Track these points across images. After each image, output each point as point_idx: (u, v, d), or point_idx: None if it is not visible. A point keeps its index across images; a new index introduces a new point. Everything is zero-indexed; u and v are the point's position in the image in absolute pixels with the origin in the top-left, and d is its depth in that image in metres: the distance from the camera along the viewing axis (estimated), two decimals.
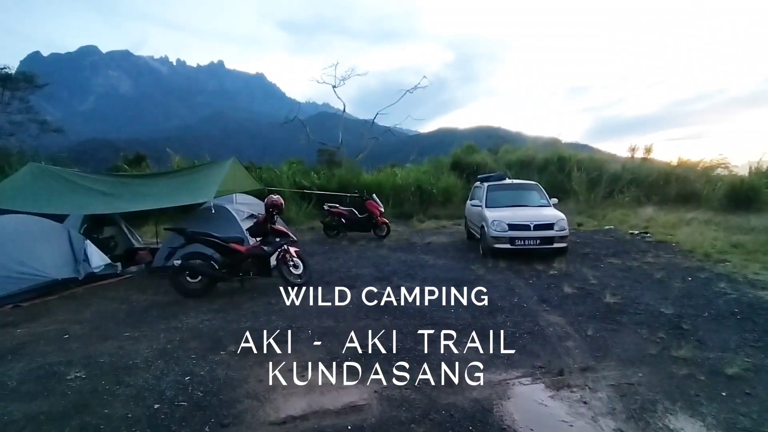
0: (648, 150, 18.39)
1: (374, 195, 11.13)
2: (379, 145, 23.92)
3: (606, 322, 4.63)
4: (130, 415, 2.93)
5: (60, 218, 6.94)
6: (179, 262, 5.59)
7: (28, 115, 20.58)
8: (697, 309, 4.98)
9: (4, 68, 19.66)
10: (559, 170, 16.71)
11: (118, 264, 7.16)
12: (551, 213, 8.04)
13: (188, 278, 5.75)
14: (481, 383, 3.34)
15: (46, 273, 5.83)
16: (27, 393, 3.30)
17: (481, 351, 3.93)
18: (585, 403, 3.06)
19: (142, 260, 7.78)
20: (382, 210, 10.79)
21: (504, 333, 4.33)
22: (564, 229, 7.63)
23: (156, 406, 3.05)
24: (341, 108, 23.56)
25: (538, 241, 7.55)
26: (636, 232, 10.35)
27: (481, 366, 3.61)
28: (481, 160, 17.79)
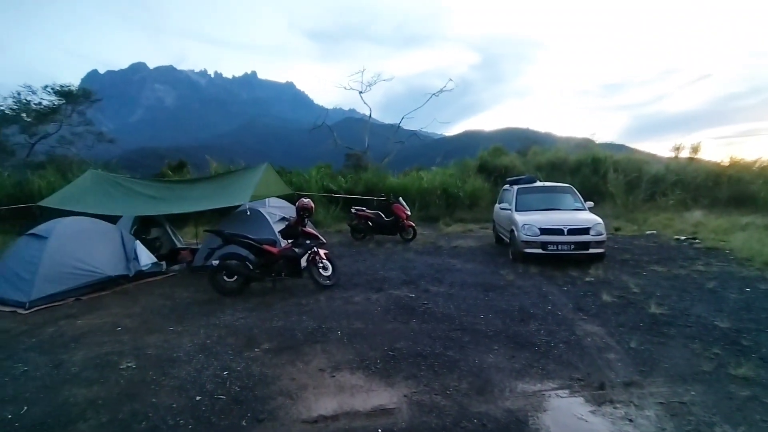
0: (695, 149, 17.45)
1: (400, 198, 11.17)
2: (404, 148, 24.00)
3: (651, 334, 4.39)
4: (174, 405, 3.10)
5: (113, 220, 7.45)
6: (217, 262, 5.85)
7: (87, 127, 22.35)
8: (759, 323, 4.61)
9: (68, 86, 21.36)
10: (594, 172, 16.16)
11: (163, 263, 7.57)
12: (587, 217, 7.79)
13: (225, 277, 6.00)
14: (515, 393, 3.26)
15: (102, 270, 6.27)
16: (87, 379, 3.56)
17: (514, 359, 3.85)
18: (630, 420, 2.88)
19: (184, 260, 8.18)
20: (409, 213, 10.80)
21: (538, 341, 4.23)
22: (601, 234, 7.37)
23: (198, 398, 3.20)
24: (367, 113, 23.87)
25: (573, 246, 7.32)
26: (682, 237, 9.86)
27: (514, 375, 3.54)
28: (509, 162, 17.49)
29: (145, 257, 7.00)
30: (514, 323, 4.78)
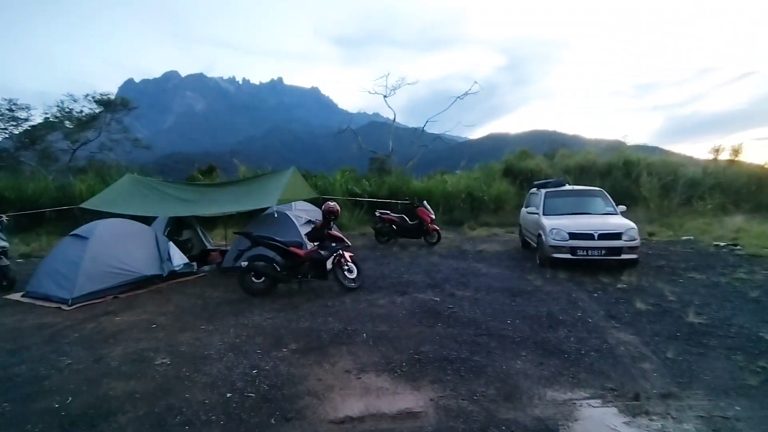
0: (736, 151, 16.67)
1: (425, 202, 11.14)
2: (428, 152, 23.91)
3: (690, 344, 4.20)
4: (206, 402, 3.20)
5: (147, 221, 7.80)
6: (246, 263, 6.00)
7: (124, 134, 23.68)
8: None
9: (107, 95, 22.65)
10: (626, 175, 15.65)
11: (194, 263, 7.81)
12: (619, 221, 7.54)
13: (253, 278, 6.15)
14: (545, 401, 3.19)
15: (138, 270, 6.54)
16: (125, 373, 3.73)
17: (543, 366, 3.77)
18: None
19: (214, 260, 8.43)
20: (433, 217, 10.76)
21: (567, 349, 4.12)
22: (634, 239, 7.12)
23: (228, 395, 3.30)
24: (391, 117, 23.94)
25: (604, 252, 7.10)
26: (722, 243, 9.40)
27: (543, 382, 3.47)
28: (536, 165, 17.17)
29: (178, 258, 7.25)
30: (543, 329, 4.67)
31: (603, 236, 7.14)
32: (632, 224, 7.36)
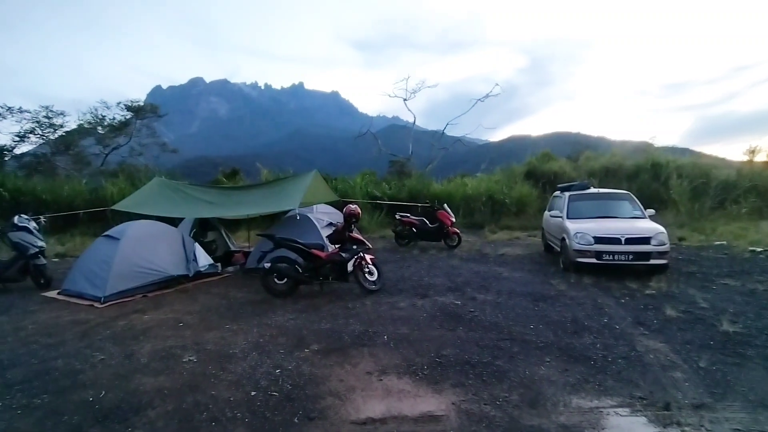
0: None
1: (445, 205, 11.09)
2: (448, 155, 23.81)
3: (724, 353, 4.03)
4: (232, 399, 3.27)
5: (174, 223, 8.04)
6: (268, 264, 6.11)
7: (153, 138, 24.64)
8: None
9: (137, 101, 23.67)
10: (654, 178, 15.17)
11: (219, 264, 8.00)
12: (648, 225, 7.32)
13: (276, 280, 6.26)
14: (570, 408, 3.12)
15: (166, 270, 6.76)
16: (154, 369, 3.85)
17: (567, 372, 3.68)
18: None
19: (237, 262, 8.62)
20: (454, 220, 10.70)
21: (593, 355, 4.02)
22: (664, 244, 6.89)
23: (253, 393, 3.36)
24: (411, 120, 23.96)
25: (632, 257, 6.91)
26: (759, 249, 8.99)
27: (568, 389, 3.39)
28: (559, 168, 16.84)
29: (203, 259, 7.44)
30: (567, 335, 4.57)
31: (630, 240, 6.94)
32: (661, 228, 7.13)
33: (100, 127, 22.53)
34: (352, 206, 6.66)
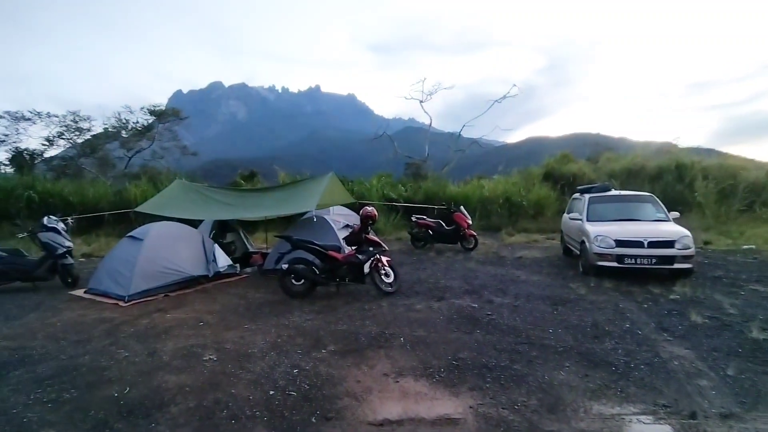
0: None
1: (462, 207, 11.03)
2: (465, 157, 23.67)
3: (754, 362, 3.89)
4: (251, 397, 3.33)
5: (194, 224, 8.20)
6: (286, 266, 6.19)
7: (174, 142, 25.29)
8: None
9: (159, 106, 24.35)
10: (678, 179, 14.76)
11: (237, 265, 8.13)
12: (672, 229, 7.13)
13: (293, 281, 6.34)
14: (590, 414, 3.05)
15: (186, 270, 6.92)
16: (176, 367, 3.94)
17: (588, 378, 3.61)
18: None
19: (256, 263, 8.76)
20: (470, 222, 10.63)
21: (615, 361, 3.93)
22: (689, 248, 6.70)
23: (271, 392, 3.41)
24: (427, 122, 23.93)
25: (655, 261, 6.73)
26: None
27: (588, 395, 3.33)
28: (578, 169, 16.56)
29: (222, 259, 7.57)
30: (587, 340, 4.49)
31: (654, 244, 6.77)
32: (686, 232, 6.93)
33: (124, 131, 23.24)
34: (369, 208, 6.69)
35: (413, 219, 11.10)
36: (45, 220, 7.38)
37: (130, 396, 3.39)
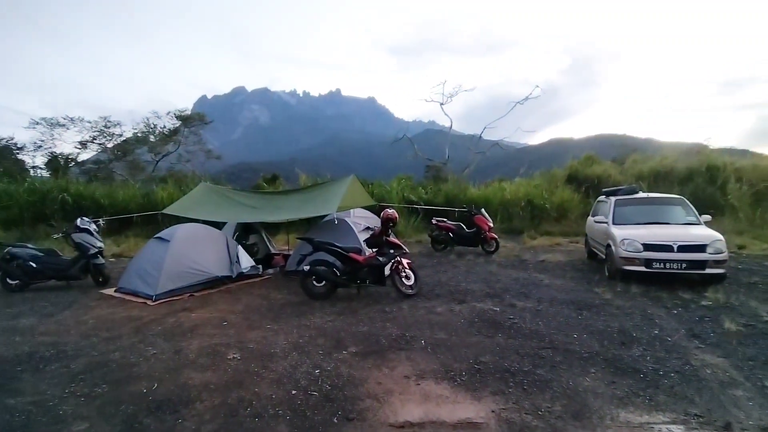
0: None
1: (483, 210, 10.91)
2: (486, 159, 23.44)
3: None
4: (273, 396, 3.38)
5: (218, 226, 8.38)
6: (308, 267, 6.26)
7: (199, 146, 26.03)
8: None
9: (185, 111, 25.19)
10: (709, 181, 14.21)
11: (260, 266, 8.28)
12: (703, 232, 6.87)
13: (314, 282, 6.40)
14: (617, 422, 2.96)
15: (211, 270, 7.08)
16: (201, 365, 4.04)
17: (614, 385, 3.51)
18: None
19: (277, 264, 8.90)
20: (491, 225, 10.50)
21: (643, 368, 3.81)
22: (721, 252, 6.44)
23: (293, 392, 3.45)
24: (447, 125, 23.81)
25: (685, 265, 6.49)
26: None
27: (615, 402, 3.23)
28: (603, 171, 16.16)
29: (245, 261, 7.72)
30: (614, 346, 4.36)
31: (684, 248, 6.53)
32: (719, 235, 6.66)
33: (152, 136, 24.07)
34: (390, 210, 6.71)
35: (433, 221, 11.05)
36: (78, 221, 7.69)
37: (158, 392, 3.49)
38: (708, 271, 6.47)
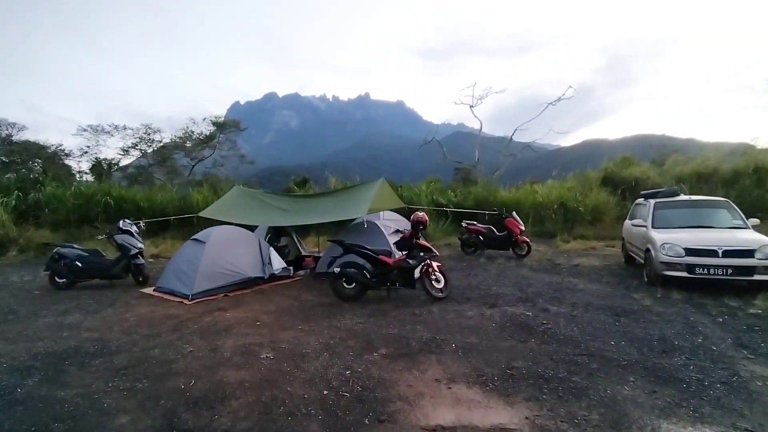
0: None
1: (514, 213, 10.71)
2: (516, 161, 23.01)
3: None
4: (306, 396, 3.43)
5: (251, 228, 8.62)
6: (338, 269, 6.34)
7: (233, 151, 26.89)
8: None
9: (219, 117, 26.21)
10: (757, 183, 13.38)
11: (291, 268, 8.44)
12: (751, 237, 6.47)
13: (345, 284, 6.47)
14: None
15: (244, 272, 7.28)
16: (235, 363, 4.16)
17: (655, 395, 3.36)
18: None
19: (308, 266, 9.05)
20: (523, 228, 10.28)
21: (686, 378, 3.63)
22: None
23: (325, 392, 3.50)
24: (477, 127, 23.54)
25: (731, 271, 6.13)
26: None
27: (656, 412, 3.09)
28: (641, 173, 15.50)
29: (277, 262, 7.90)
30: (654, 354, 4.18)
31: (729, 253, 6.18)
32: None
33: (188, 141, 25.10)
34: (420, 213, 6.70)
35: (463, 224, 10.94)
36: (120, 223, 8.11)
37: (196, 388, 3.62)
38: (757, 277, 6.08)
